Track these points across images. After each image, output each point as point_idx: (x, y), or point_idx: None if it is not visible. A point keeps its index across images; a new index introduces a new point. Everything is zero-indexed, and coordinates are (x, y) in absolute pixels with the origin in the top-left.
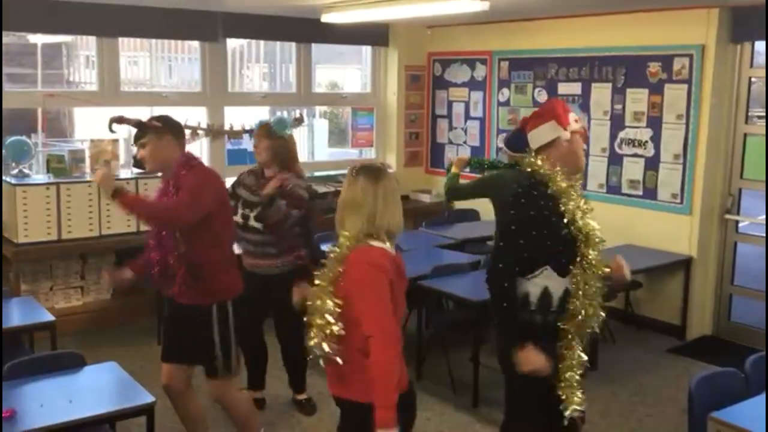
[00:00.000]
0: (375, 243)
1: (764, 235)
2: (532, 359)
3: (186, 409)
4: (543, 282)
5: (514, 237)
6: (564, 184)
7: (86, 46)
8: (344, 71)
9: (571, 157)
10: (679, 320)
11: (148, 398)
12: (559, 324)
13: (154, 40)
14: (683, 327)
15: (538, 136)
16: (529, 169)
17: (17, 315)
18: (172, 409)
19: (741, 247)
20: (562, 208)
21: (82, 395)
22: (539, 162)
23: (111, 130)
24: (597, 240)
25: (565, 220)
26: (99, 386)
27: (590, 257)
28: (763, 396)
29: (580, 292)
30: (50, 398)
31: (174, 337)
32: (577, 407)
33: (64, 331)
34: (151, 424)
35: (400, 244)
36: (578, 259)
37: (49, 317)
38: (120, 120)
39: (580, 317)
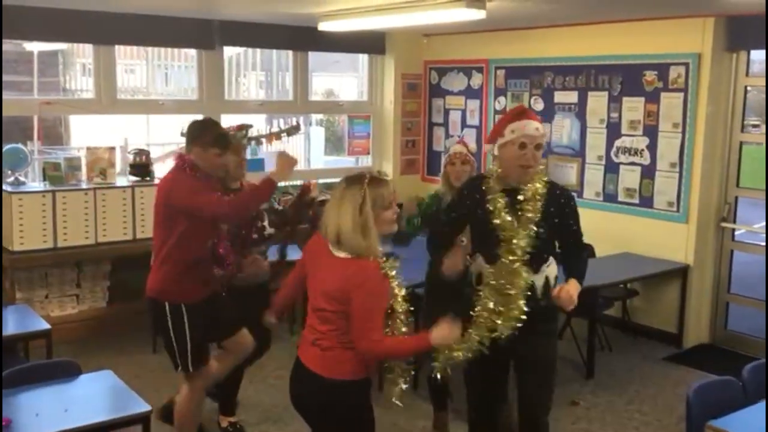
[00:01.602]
0: None
1: (760, 243)
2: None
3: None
4: (477, 268)
5: (443, 213)
6: (493, 185)
7: (83, 53)
8: (341, 79)
9: (504, 166)
10: (675, 328)
11: (144, 407)
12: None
13: (150, 48)
14: (680, 335)
15: (487, 146)
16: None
17: (12, 323)
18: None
19: (737, 255)
20: (490, 207)
21: (78, 404)
22: (490, 165)
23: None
24: (517, 247)
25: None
26: (95, 395)
27: (507, 261)
28: (760, 404)
29: (492, 282)
30: (46, 407)
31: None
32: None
33: (60, 340)
34: None
35: (394, 251)
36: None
37: (45, 325)
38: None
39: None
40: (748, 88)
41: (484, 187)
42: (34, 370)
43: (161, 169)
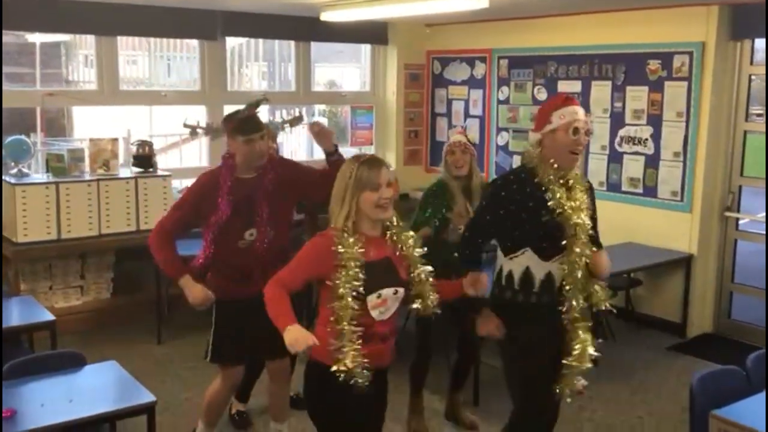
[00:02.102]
0: None
1: (764, 232)
2: (486, 322)
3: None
4: (524, 262)
5: (482, 209)
6: (550, 176)
7: (85, 45)
8: (343, 70)
9: (553, 154)
10: (679, 318)
11: (149, 397)
12: (562, 316)
13: (153, 40)
14: (684, 325)
15: (533, 135)
16: (524, 160)
17: (17, 314)
18: (172, 409)
19: (741, 244)
20: (549, 197)
21: (83, 395)
22: (531, 154)
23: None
24: (582, 236)
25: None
26: (99, 385)
27: (576, 250)
28: (763, 393)
29: (564, 280)
30: (50, 398)
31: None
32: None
33: (64, 331)
34: (152, 424)
35: None
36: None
37: (49, 317)
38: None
39: (574, 304)
40: (753, 77)
41: (536, 179)
42: (39, 361)
43: (164, 161)
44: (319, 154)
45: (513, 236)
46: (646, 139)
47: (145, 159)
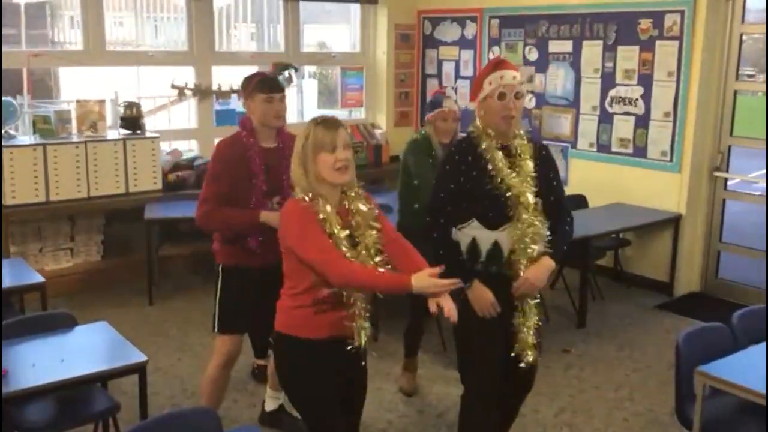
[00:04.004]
0: None
1: (753, 192)
2: (480, 294)
3: None
4: (471, 233)
5: (435, 188)
6: (488, 144)
7: (70, 5)
8: (333, 31)
9: (489, 121)
10: (667, 277)
11: (140, 357)
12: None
13: (139, 0)
14: (671, 284)
15: (471, 104)
16: (470, 130)
17: (7, 276)
18: (164, 369)
19: (729, 204)
20: (490, 166)
21: (74, 355)
22: (475, 124)
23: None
24: (528, 203)
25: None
26: (91, 346)
27: (523, 218)
28: (749, 350)
29: (516, 247)
30: (42, 358)
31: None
32: (530, 353)
33: (55, 293)
34: (143, 383)
35: (389, 203)
36: (510, 216)
37: (39, 278)
38: None
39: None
40: (744, 37)
41: (479, 148)
42: (30, 322)
43: (153, 122)
44: (311, 116)
45: (461, 207)
46: (637, 99)
47: (133, 121)
